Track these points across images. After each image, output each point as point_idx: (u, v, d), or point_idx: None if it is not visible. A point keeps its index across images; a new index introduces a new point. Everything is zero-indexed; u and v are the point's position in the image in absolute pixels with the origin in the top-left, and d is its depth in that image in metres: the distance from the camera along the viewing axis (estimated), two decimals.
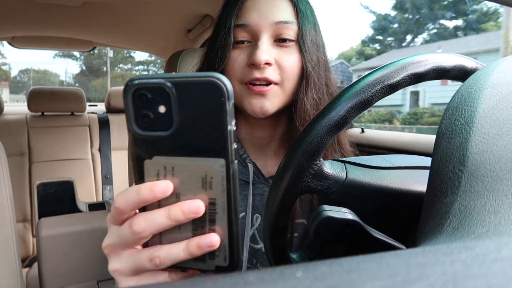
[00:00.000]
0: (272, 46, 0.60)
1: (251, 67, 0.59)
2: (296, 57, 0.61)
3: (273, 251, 0.45)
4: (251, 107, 0.60)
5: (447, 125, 0.28)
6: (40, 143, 1.99)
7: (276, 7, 0.60)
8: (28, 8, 1.39)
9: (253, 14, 0.60)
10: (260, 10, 0.60)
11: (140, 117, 0.26)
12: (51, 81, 23.40)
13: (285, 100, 0.62)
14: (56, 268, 1.09)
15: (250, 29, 0.60)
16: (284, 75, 0.60)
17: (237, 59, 0.61)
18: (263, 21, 0.59)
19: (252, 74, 0.59)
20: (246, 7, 0.61)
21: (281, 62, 0.60)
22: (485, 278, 0.13)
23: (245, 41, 0.61)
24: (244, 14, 0.61)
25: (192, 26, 1.58)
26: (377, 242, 0.41)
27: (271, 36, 0.60)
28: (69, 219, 1.20)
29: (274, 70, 0.59)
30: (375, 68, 0.40)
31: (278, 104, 0.61)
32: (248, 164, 0.65)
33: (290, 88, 0.61)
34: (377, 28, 18.48)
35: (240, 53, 0.61)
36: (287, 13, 0.60)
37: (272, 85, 0.59)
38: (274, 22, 0.59)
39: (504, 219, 0.21)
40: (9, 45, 1.98)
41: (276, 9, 0.60)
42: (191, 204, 0.27)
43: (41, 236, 1.08)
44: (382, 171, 0.45)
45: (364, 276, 0.13)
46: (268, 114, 0.60)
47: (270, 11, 0.60)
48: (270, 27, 0.59)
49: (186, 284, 0.13)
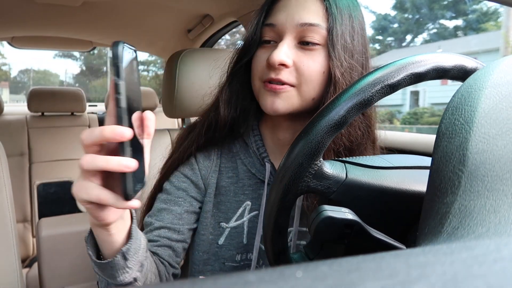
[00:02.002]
0: (294, 48, 0.59)
1: (269, 67, 0.59)
2: (319, 61, 0.58)
3: (273, 251, 0.45)
4: (264, 104, 0.61)
5: (447, 125, 0.28)
6: (40, 143, 1.99)
7: (304, 9, 0.59)
8: (28, 8, 1.39)
9: (281, 14, 0.60)
10: (288, 11, 0.59)
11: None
12: (51, 81, 23.40)
13: (302, 104, 0.60)
14: (56, 268, 1.09)
15: (276, 29, 0.60)
16: (301, 79, 0.58)
17: (260, 57, 0.61)
18: (289, 22, 0.59)
19: (269, 73, 0.59)
20: (277, 7, 0.61)
21: (300, 65, 0.58)
22: (485, 278, 0.13)
23: (271, 41, 0.61)
24: (274, 13, 0.61)
25: (192, 26, 1.58)
26: (377, 242, 0.41)
27: (295, 38, 0.59)
28: (69, 219, 1.20)
29: (290, 72, 0.58)
30: (375, 68, 0.40)
31: (292, 106, 0.60)
32: (266, 163, 0.65)
33: (308, 92, 0.59)
34: (377, 28, 18.50)
35: (264, 52, 0.61)
36: (315, 15, 0.58)
37: (287, 85, 0.59)
38: (299, 24, 0.58)
39: (504, 219, 0.21)
40: (9, 45, 1.98)
41: (304, 11, 0.59)
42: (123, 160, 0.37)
43: (41, 236, 1.08)
44: (382, 171, 0.45)
45: (364, 276, 0.13)
46: (279, 113, 0.60)
47: (297, 12, 0.59)
48: (295, 28, 0.58)
49: (186, 284, 0.13)
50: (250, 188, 0.66)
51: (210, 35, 1.59)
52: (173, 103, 0.95)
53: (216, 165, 0.69)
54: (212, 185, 0.67)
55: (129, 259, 0.48)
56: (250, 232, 0.65)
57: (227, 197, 0.67)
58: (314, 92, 0.59)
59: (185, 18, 1.52)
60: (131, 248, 0.48)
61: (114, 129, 0.36)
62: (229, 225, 0.66)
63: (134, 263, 0.49)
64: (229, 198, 0.67)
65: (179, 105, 0.95)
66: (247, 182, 0.67)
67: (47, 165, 1.97)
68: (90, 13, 1.48)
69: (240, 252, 0.65)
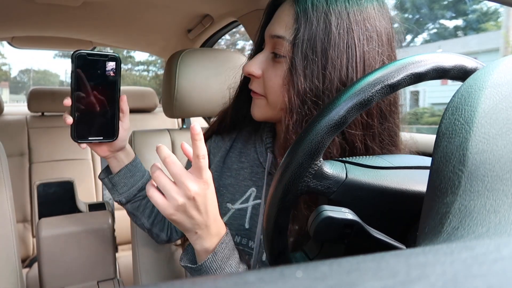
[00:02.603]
0: (268, 60, 0.61)
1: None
2: (280, 74, 0.57)
3: (273, 251, 0.45)
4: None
5: (447, 125, 0.28)
6: (40, 143, 1.99)
7: (277, 19, 0.59)
8: (28, 8, 1.39)
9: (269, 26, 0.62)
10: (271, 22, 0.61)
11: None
12: (51, 81, 23.39)
13: (273, 113, 0.62)
14: (56, 268, 1.09)
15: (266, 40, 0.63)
16: (266, 91, 0.61)
17: None
18: (266, 34, 0.61)
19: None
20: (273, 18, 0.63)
21: (265, 77, 0.61)
22: (485, 278, 0.13)
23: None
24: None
25: (192, 26, 1.58)
26: (377, 242, 0.41)
27: (271, 49, 0.61)
28: (69, 219, 1.20)
29: (259, 83, 0.62)
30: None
31: (265, 113, 0.64)
32: (268, 153, 0.69)
33: (276, 103, 0.59)
34: None
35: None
36: (284, 27, 0.56)
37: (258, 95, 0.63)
38: (270, 35, 0.60)
39: (504, 219, 0.21)
40: (9, 45, 1.98)
41: (276, 22, 0.59)
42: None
43: (41, 236, 1.08)
44: (382, 171, 0.45)
45: (364, 276, 0.13)
46: (257, 119, 0.65)
47: (273, 23, 0.60)
48: (269, 40, 0.60)
49: (186, 284, 0.13)
50: (257, 176, 0.70)
51: (210, 35, 1.59)
52: (173, 103, 0.95)
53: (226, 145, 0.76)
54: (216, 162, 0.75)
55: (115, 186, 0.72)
56: (252, 219, 0.67)
57: (236, 180, 0.71)
58: (280, 103, 0.58)
59: (185, 18, 1.52)
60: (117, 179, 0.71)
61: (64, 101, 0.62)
62: (234, 206, 0.70)
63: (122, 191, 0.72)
64: (238, 182, 0.71)
65: (179, 105, 0.95)
66: (255, 170, 0.71)
67: (47, 165, 1.97)
68: (90, 13, 1.48)
69: (241, 235, 0.68)
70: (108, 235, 1.12)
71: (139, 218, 0.76)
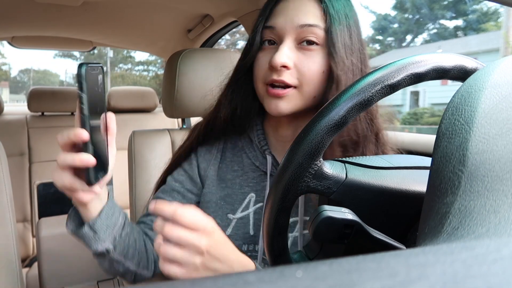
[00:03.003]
0: (295, 50, 0.61)
1: (271, 69, 0.61)
2: (319, 61, 0.60)
3: (273, 251, 0.45)
4: (268, 107, 0.63)
5: (447, 125, 0.28)
6: (40, 143, 1.98)
7: (302, 10, 0.61)
8: (28, 8, 1.39)
9: (280, 17, 0.62)
10: (287, 13, 0.61)
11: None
12: (51, 81, 23.40)
13: (305, 103, 0.63)
14: (56, 268, 1.09)
15: (276, 32, 0.62)
16: (303, 79, 0.61)
17: (262, 60, 0.63)
18: (288, 24, 0.61)
19: (271, 75, 0.61)
20: (276, 10, 0.63)
21: (301, 66, 0.60)
22: (485, 278, 0.13)
23: (272, 43, 0.63)
24: (273, 16, 0.63)
25: (192, 26, 1.58)
26: (377, 242, 0.41)
27: (295, 39, 0.61)
28: None
29: (292, 73, 0.61)
30: (375, 68, 0.40)
31: (295, 106, 0.62)
32: (267, 155, 0.68)
33: (309, 92, 0.62)
34: (377, 28, 18.51)
35: (265, 55, 0.63)
36: (313, 16, 0.61)
37: (290, 88, 0.61)
38: (299, 25, 0.60)
39: (504, 219, 0.21)
40: (9, 45, 1.98)
41: (302, 12, 0.61)
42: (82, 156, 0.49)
43: (41, 236, 1.08)
44: (382, 171, 0.45)
45: (364, 276, 0.13)
46: (283, 114, 0.62)
47: (296, 14, 0.61)
48: (295, 30, 0.60)
49: (186, 284, 0.13)
50: (254, 180, 0.69)
51: (210, 35, 1.59)
52: (173, 103, 0.95)
53: (216, 158, 0.73)
54: (211, 177, 0.72)
55: (97, 232, 0.57)
56: (256, 224, 0.67)
57: (233, 190, 0.70)
58: (315, 91, 0.62)
59: (185, 18, 1.52)
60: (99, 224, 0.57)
61: (75, 133, 0.47)
62: (235, 216, 0.68)
63: (105, 237, 0.57)
64: (235, 191, 0.70)
65: (179, 105, 0.95)
66: (251, 175, 0.70)
67: (47, 165, 1.97)
68: (90, 13, 1.48)
69: (247, 242, 0.67)
70: None
71: (122, 263, 0.62)
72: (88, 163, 0.48)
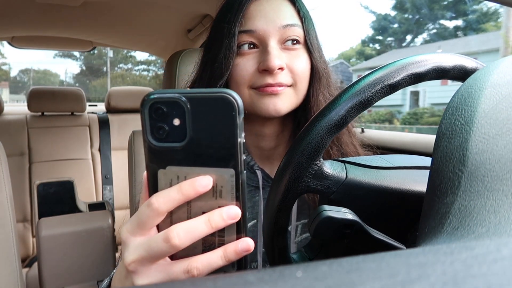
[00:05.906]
0: (281, 51, 0.60)
1: (263, 72, 0.59)
2: (305, 58, 0.62)
3: (272, 251, 0.45)
4: (265, 107, 0.60)
5: (447, 125, 0.28)
6: (40, 143, 1.98)
7: (281, 11, 0.61)
8: (28, 8, 1.39)
9: (260, 19, 0.60)
10: (266, 15, 0.60)
11: (156, 129, 0.28)
12: (51, 81, 23.39)
13: (297, 101, 0.63)
14: (56, 268, 1.09)
15: (257, 35, 0.60)
16: (297, 78, 0.61)
17: (245, 65, 0.60)
18: (271, 26, 0.59)
19: (264, 79, 0.59)
20: (250, 13, 0.60)
21: (292, 66, 0.60)
22: (485, 278, 0.13)
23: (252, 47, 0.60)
24: (249, 20, 0.60)
25: (192, 26, 1.58)
26: (377, 242, 0.41)
27: (279, 41, 0.60)
28: (69, 219, 1.20)
29: (286, 74, 0.60)
30: (375, 68, 0.40)
31: (291, 105, 0.62)
32: (256, 170, 0.66)
33: (303, 90, 0.63)
34: (377, 28, 18.49)
35: (248, 59, 0.60)
36: (291, 16, 0.61)
37: (285, 86, 0.60)
38: (282, 26, 0.60)
39: (504, 219, 0.21)
40: (9, 45, 1.98)
41: (282, 13, 0.61)
42: (230, 210, 0.28)
43: (41, 236, 1.08)
44: (382, 171, 0.45)
45: (364, 276, 0.13)
46: (282, 113, 0.60)
47: (277, 15, 0.60)
48: (278, 31, 0.60)
49: (186, 284, 0.13)
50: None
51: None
52: None
53: None
54: None
55: None
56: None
57: None
58: (305, 88, 0.64)
59: (185, 18, 1.52)
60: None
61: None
62: None
63: None
64: None
65: None
66: None
67: (47, 165, 1.97)
68: (90, 13, 1.48)
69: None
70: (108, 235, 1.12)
71: None
72: (249, 249, 0.29)
